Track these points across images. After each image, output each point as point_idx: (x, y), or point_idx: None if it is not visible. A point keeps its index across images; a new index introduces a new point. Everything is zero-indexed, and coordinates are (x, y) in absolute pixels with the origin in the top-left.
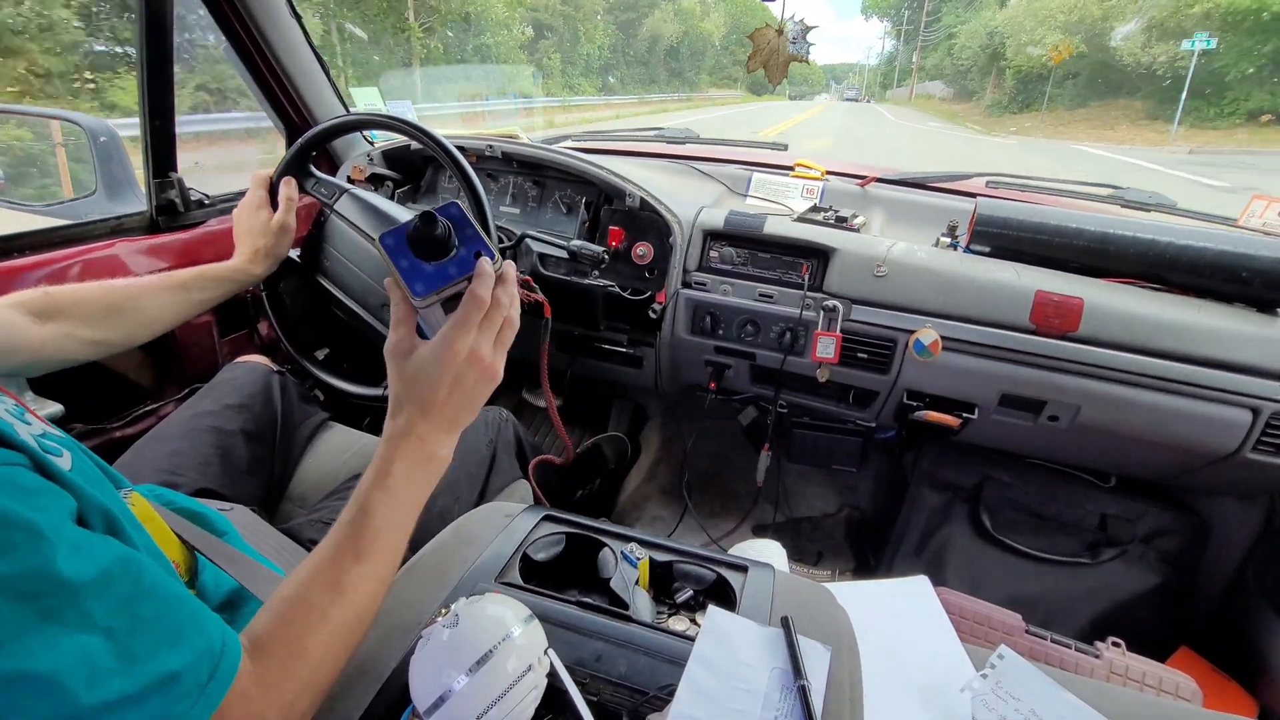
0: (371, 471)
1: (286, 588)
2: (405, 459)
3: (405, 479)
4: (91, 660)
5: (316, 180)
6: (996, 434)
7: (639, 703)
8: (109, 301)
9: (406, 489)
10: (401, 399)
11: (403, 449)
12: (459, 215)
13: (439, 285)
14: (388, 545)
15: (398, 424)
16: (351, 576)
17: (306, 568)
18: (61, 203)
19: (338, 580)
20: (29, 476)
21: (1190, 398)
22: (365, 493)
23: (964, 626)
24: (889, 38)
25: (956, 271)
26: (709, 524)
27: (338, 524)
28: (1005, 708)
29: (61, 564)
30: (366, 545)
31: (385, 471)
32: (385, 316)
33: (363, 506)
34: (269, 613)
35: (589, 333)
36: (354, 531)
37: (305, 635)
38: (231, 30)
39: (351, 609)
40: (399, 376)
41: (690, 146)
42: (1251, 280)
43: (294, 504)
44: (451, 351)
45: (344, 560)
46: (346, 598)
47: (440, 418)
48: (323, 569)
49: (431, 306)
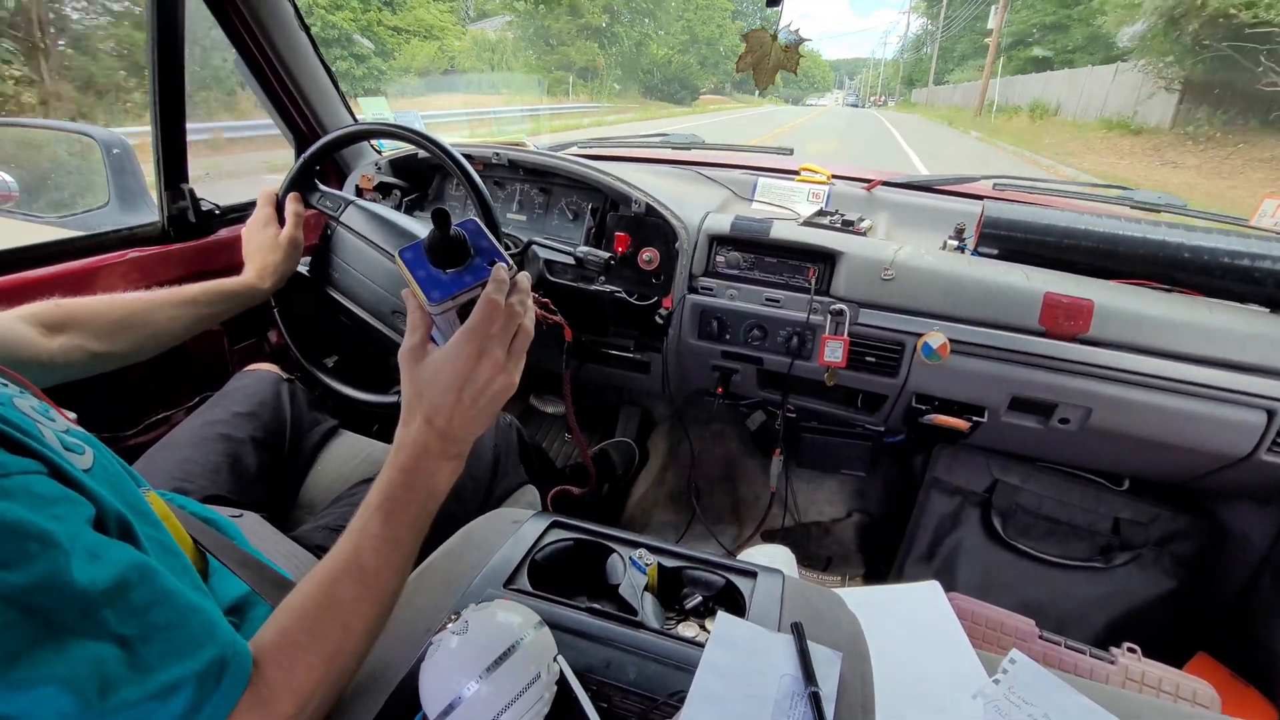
0: (382, 479)
1: (296, 596)
2: (416, 466)
3: (417, 486)
4: (104, 669)
5: (322, 194)
6: (1007, 437)
7: (649, 709)
8: (119, 315)
9: (418, 497)
10: (414, 404)
11: (414, 456)
12: (475, 228)
13: (454, 291)
14: (398, 553)
15: (409, 430)
16: (361, 584)
17: (317, 576)
18: (75, 214)
19: (347, 588)
20: (47, 484)
21: (1203, 399)
22: (376, 500)
23: (976, 632)
24: (916, 14)
25: (964, 274)
26: (717, 529)
27: (347, 532)
28: (1019, 713)
29: (77, 573)
30: (376, 553)
31: (396, 479)
32: (397, 324)
33: (373, 514)
34: (278, 621)
35: (596, 338)
36: (363, 539)
37: (315, 643)
38: (241, 41)
39: (361, 616)
40: (412, 380)
41: (695, 152)
42: (1264, 280)
43: (303, 511)
44: (465, 352)
45: (354, 568)
46: (357, 605)
47: (452, 423)
48: (333, 577)
49: (447, 313)
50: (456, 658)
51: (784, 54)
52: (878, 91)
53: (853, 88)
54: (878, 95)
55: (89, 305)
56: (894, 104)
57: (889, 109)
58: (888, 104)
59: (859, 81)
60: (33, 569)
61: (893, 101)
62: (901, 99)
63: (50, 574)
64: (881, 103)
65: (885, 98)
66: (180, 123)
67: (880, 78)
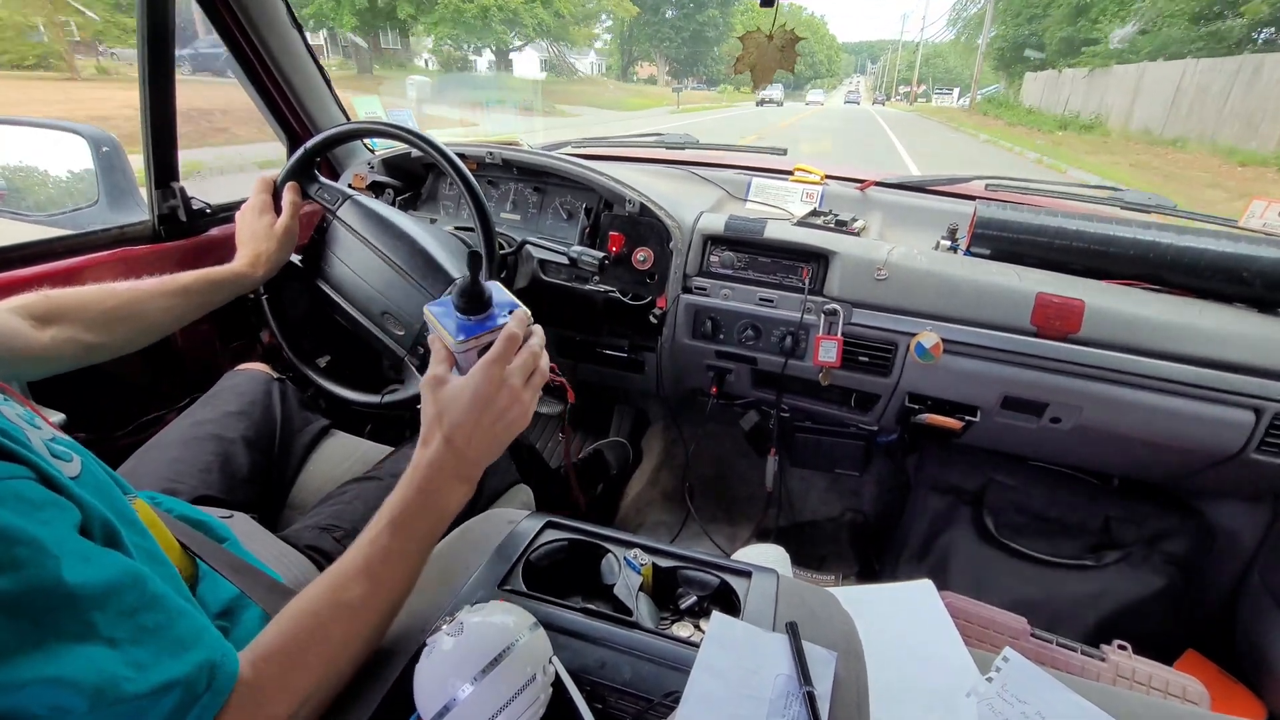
0: (397, 496)
1: (299, 601)
2: (432, 486)
3: (430, 506)
4: (96, 671)
5: (320, 186)
6: (999, 436)
7: (644, 710)
8: (110, 305)
9: (428, 517)
10: (434, 424)
11: (429, 476)
12: (496, 286)
13: (477, 332)
14: (403, 569)
15: (428, 451)
16: (363, 596)
17: (320, 583)
18: (64, 212)
19: (349, 599)
20: (34, 489)
21: (1192, 399)
22: (387, 516)
23: (969, 630)
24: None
25: (957, 274)
26: (712, 529)
27: (356, 543)
28: (1011, 711)
29: (67, 577)
30: (381, 567)
31: (409, 499)
32: (386, 325)
33: (383, 529)
34: (279, 625)
35: (590, 338)
36: (371, 551)
37: (311, 649)
38: (232, 39)
39: (360, 627)
40: (434, 401)
41: (689, 152)
42: (1252, 281)
43: (294, 511)
44: (486, 377)
45: (359, 579)
46: (357, 615)
47: (470, 443)
48: (336, 586)
49: (468, 352)
50: (451, 660)
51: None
52: (907, 83)
53: (856, 86)
54: (912, 87)
55: (79, 296)
56: (954, 98)
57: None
58: (931, 97)
59: (881, 65)
60: (22, 574)
61: (950, 96)
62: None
63: (40, 578)
64: (916, 96)
65: (921, 89)
66: (171, 120)
67: (896, 63)
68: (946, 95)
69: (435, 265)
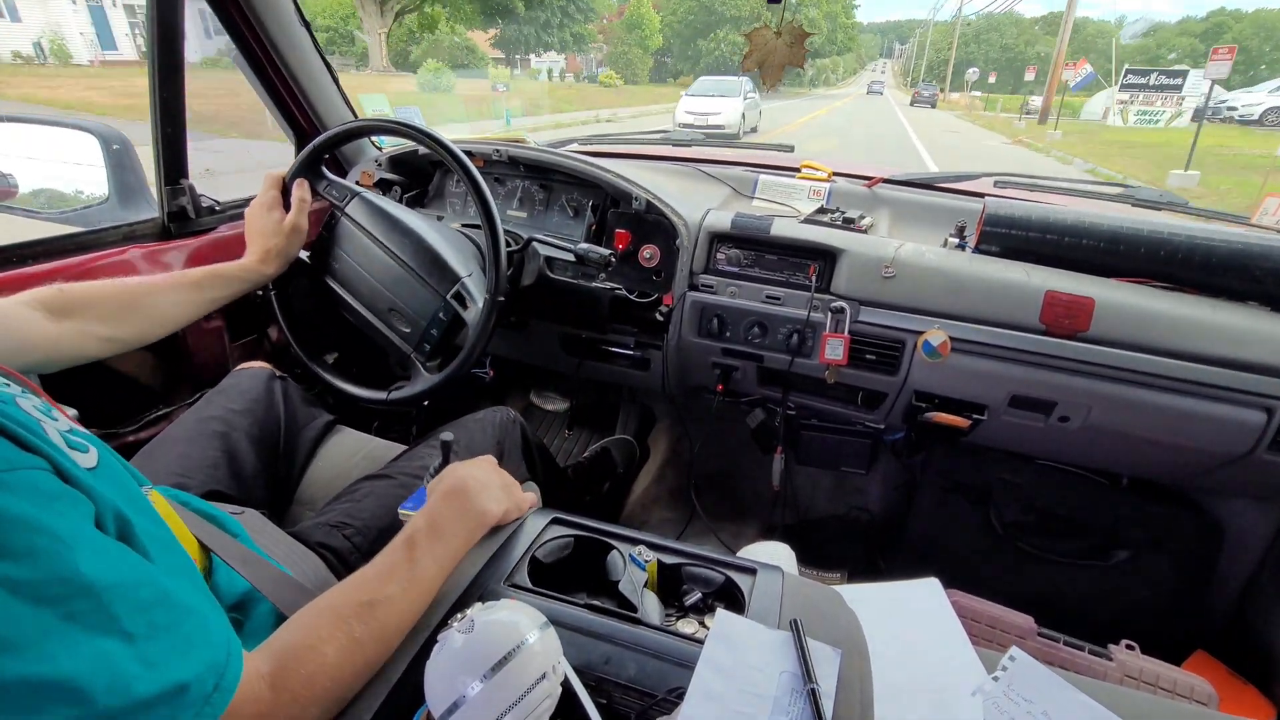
0: (426, 511)
1: (322, 599)
2: (466, 495)
3: (455, 527)
4: (112, 664)
5: (329, 183)
6: (1007, 435)
7: (648, 706)
8: (123, 299)
9: (455, 537)
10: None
11: (457, 490)
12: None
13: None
14: (426, 581)
15: (455, 474)
16: (386, 602)
17: (344, 586)
18: (75, 210)
19: (372, 603)
20: (49, 480)
21: (1203, 398)
22: (417, 531)
23: (975, 629)
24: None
25: (965, 272)
26: (717, 526)
27: (385, 551)
28: (1017, 710)
29: (84, 567)
30: (406, 577)
31: (439, 516)
32: (392, 321)
33: (410, 540)
34: (298, 622)
35: (596, 336)
36: (398, 559)
37: (328, 648)
38: (241, 37)
39: (379, 631)
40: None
41: (696, 149)
42: (1265, 279)
43: (303, 507)
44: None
45: (383, 585)
46: (377, 619)
47: (473, 474)
48: (360, 589)
49: None
50: (461, 657)
51: (789, 50)
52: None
53: (882, 71)
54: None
55: (93, 290)
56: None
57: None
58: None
59: (912, 45)
60: (42, 563)
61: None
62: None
63: (60, 568)
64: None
65: (974, 76)
66: (180, 118)
67: (926, 43)
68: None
69: (441, 263)
